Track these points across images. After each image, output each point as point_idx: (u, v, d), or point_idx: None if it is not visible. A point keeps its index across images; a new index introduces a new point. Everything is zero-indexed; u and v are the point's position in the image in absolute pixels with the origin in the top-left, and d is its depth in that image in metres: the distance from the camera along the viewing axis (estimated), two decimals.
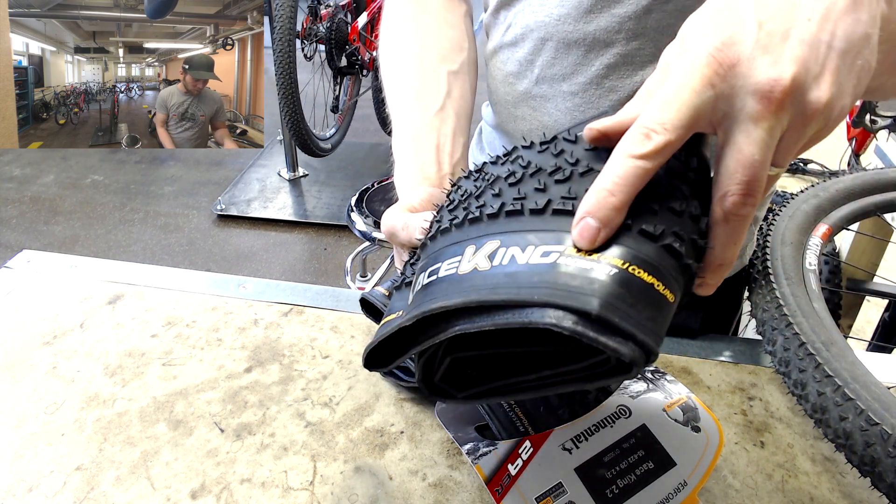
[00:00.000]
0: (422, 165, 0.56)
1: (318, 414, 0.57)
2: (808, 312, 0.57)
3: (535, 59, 0.61)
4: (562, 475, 0.44)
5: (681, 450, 0.47)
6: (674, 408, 0.49)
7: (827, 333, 0.55)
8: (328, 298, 0.72)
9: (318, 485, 0.51)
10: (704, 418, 0.49)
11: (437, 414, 0.49)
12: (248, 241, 2.71)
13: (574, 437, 0.46)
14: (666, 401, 0.50)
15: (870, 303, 1.26)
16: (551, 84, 0.61)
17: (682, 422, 0.48)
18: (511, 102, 0.65)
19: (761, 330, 0.60)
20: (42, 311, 0.69)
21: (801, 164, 2.22)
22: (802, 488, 0.52)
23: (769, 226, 0.67)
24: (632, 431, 0.47)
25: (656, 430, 0.47)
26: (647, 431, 0.47)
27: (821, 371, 0.52)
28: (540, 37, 0.59)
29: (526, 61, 0.62)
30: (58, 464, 0.52)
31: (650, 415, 0.48)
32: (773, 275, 0.61)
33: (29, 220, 2.77)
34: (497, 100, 0.69)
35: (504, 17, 0.62)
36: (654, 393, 0.50)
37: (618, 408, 0.48)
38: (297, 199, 2.92)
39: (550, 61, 0.60)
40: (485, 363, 0.39)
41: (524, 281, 0.30)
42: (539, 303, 0.29)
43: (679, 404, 0.49)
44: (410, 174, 0.56)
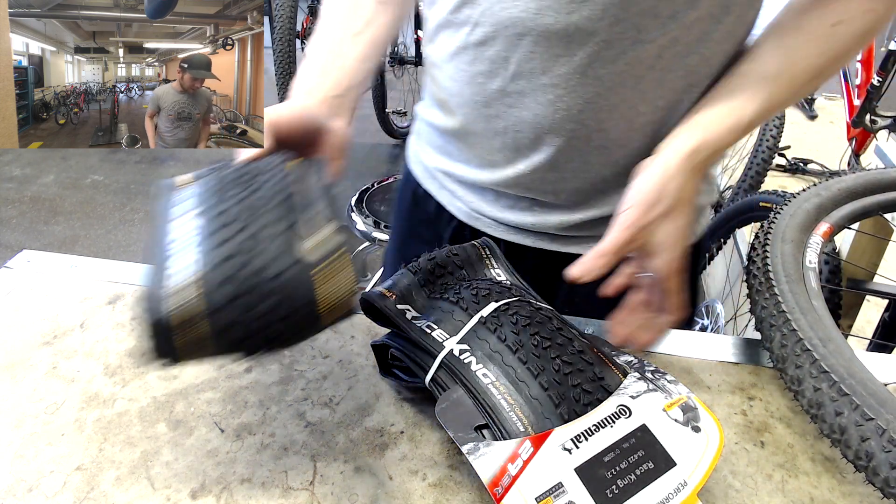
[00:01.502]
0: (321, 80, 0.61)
1: (318, 414, 0.57)
2: (806, 310, 0.57)
3: (510, 56, 0.59)
4: (562, 475, 0.44)
5: (681, 450, 0.46)
6: (674, 408, 0.49)
7: (825, 330, 0.55)
8: None
9: (318, 485, 0.51)
10: (704, 418, 0.49)
11: (437, 414, 0.49)
12: None
13: (574, 437, 0.46)
14: (666, 401, 0.49)
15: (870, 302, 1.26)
16: (529, 79, 0.60)
17: (683, 422, 0.48)
18: (482, 102, 0.64)
19: (760, 327, 0.60)
20: (42, 311, 0.69)
21: (801, 164, 2.21)
22: (802, 488, 0.52)
23: (770, 224, 0.67)
24: (632, 431, 0.47)
25: (656, 430, 0.47)
26: (647, 431, 0.47)
27: (817, 367, 0.52)
28: (516, 32, 0.57)
29: (500, 58, 0.60)
30: (58, 464, 0.52)
31: (650, 415, 0.48)
32: (773, 272, 0.61)
33: (29, 220, 2.77)
34: (461, 102, 0.66)
35: (467, 16, 0.60)
36: (655, 393, 0.50)
37: (618, 408, 0.48)
38: None
39: (528, 56, 0.58)
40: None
41: None
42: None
43: (679, 404, 0.49)
44: (308, 83, 0.61)
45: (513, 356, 0.50)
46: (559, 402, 0.48)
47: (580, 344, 0.52)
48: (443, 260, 0.61)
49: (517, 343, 0.51)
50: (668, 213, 0.52)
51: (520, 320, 0.52)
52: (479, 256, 0.63)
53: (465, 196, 0.74)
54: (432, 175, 0.78)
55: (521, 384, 0.49)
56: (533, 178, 0.66)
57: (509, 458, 0.45)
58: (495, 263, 0.63)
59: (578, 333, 0.54)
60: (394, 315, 0.56)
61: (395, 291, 0.58)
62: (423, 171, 0.79)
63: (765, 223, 0.68)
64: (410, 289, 0.58)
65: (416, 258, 0.61)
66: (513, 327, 0.52)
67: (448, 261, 0.61)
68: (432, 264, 0.60)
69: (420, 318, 0.56)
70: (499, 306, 0.54)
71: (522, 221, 0.71)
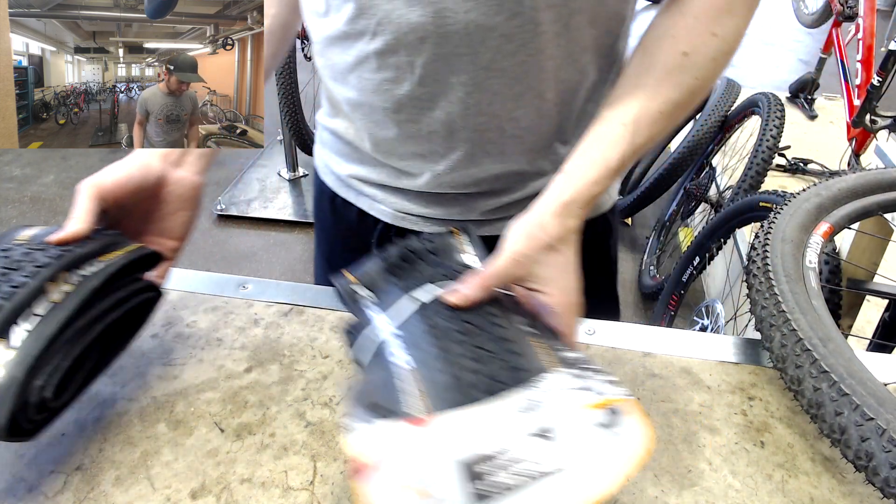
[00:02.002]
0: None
1: (318, 414, 0.57)
2: (806, 309, 0.57)
3: (414, 60, 0.59)
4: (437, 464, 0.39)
5: (587, 455, 0.41)
6: (598, 409, 0.43)
7: (825, 330, 0.55)
8: (328, 298, 0.72)
9: (318, 485, 0.51)
10: (629, 424, 0.43)
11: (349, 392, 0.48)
12: (248, 241, 2.71)
13: (464, 425, 0.41)
14: (590, 401, 0.43)
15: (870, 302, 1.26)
16: (437, 80, 0.60)
17: (603, 425, 0.42)
18: (392, 109, 0.63)
19: (760, 327, 0.60)
20: None
21: (801, 164, 2.21)
22: (802, 488, 0.52)
23: (770, 224, 0.67)
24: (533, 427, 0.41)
25: (563, 430, 0.41)
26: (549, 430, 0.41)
27: (817, 367, 0.52)
28: (417, 37, 0.57)
29: (404, 64, 0.60)
30: (58, 464, 0.52)
31: (563, 413, 0.42)
32: (773, 272, 0.61)
33: (29, 220, 2.77)
34: (369, 111, 0.65)
35: (365, 26, 0.59)
36: (580, 392, 0.44)
37: (528, 401, 0.43)
38: (297, 199, 2.92)
39: (432, 58, 0.59)
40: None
41: None
42: None
43: (606, 407, 0.43)
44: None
45: (435, 342, 0.48)
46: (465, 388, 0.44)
47: (514, 333, 0.49)
48: (415, 247, 0.60)
49: (445, 329, 0.49)
50: (551, 246, 0.53)
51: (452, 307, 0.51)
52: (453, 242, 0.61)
53: (386, 199, 0.73)
54: (347, 184, 0.76)
55: (434, 371, 0.45)
56: (453, 175, 0.67)
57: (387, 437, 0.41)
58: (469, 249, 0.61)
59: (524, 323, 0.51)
60: (345, 295, 0.56)
61: (359, 275, 0.57)
62: (335, 180, 0.78)
63: (765, 223, 0.68)
64: (376, 273, 0.58)
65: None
66: (447, 313, 0.50)
67: (420, 247, 0.60)
68: (404, 250, 0.59)
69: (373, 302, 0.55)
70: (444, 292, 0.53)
71: (448, 213, 0.72)
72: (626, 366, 0.63)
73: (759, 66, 4.39)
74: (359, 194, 0.76)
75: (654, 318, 2.01)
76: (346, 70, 0.64)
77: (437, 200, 0.71)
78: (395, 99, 0.63)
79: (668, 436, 0.56)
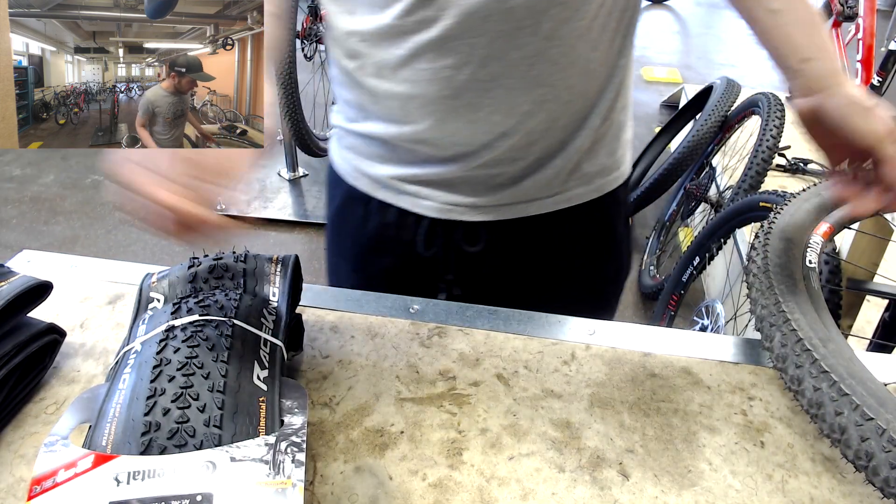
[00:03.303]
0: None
1: (318, 414, 0.57)
2: (806, 309, 0.57)
3: (476, 41, 0.60)
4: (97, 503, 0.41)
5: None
6: (273, 488, 0.43)
7: (825, 330, 0.55)
8: (328, 298, 0.72)
9: (318, 485, 0.51)
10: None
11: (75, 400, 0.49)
12: (248, 241, 2.70)
13: (134, 471, 0.42)
14: (270, 478, 0.43)
15: (870, 302, 1.26)
16: (500, 58, 0.61)
17: (264, 500, 0.42)
18: (451, 95, 0.63)
19: (760, 327, 0.60)
20: (42, 311, 0.69)
21: (801, 164, 2.21)
22: (802, 488, 0.52)
23: (770, 224, 0.67)
24: (195, 491, 0.41)
25: (226, 500, 0.42)
26: (209, 498, 0.41)
27: (817, 367, 0.52)
28: (481, 17, 0.58)
29: (466, 47, 0.60)
30: None
31: (236, 483, 0.42)
32: (773, 272, 0.61)
33: (29, 220, 2.77)
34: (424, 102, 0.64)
35: (423, 17, 0.59)
36: (266, 466, 0.44)
37: (206, 462, 0.43)
38: (297, 199, 2.93)
39: (496, 35, 0.59)
40: None
41: None
42: None
43: (282, 488, 0.43)
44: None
45: (149, 371, 0.47)
46: (152, 431, 0.44)
47: (238, 387, 0.48)
48: (228, 264, 0.59)
49: (166, 361, 0.48)
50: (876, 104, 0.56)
51: (196, 341, 0.50)
52: (267, 269, 0.61)
53: (431, 194, 0.72)
54: (385, 185, 0.75)
55: (135, 401, 0.46)
56: (508, 154, 0.68)
57: (67, 464, 0.42)
58: (278, 282, 0.60)
59: (264, 377, 0.50)
60: (141, 294, 0.57)
61: (160, 277, 0.58)
62: (370, 183, 0.76)
63: (765, 223, 0.68)
64: (175, 279, 0.58)
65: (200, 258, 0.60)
66: (181, 345, 0.49)
67: (234, 266, 0.59)
68: (214, 264, 0.59)
69: (153, 308, 0.56)
70: (196, 320, 0.52)
71: (498, 199, 0.71)
72: (626, 366, 0.63)
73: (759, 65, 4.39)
74: (399, 193, 0.74)
75: (654, 318, 2.01)
76: (396, 65, 0.64)
77: (487, 187, 0.71)
78: (455, 85, 0.63)
79: (668, 436, 0.56)
